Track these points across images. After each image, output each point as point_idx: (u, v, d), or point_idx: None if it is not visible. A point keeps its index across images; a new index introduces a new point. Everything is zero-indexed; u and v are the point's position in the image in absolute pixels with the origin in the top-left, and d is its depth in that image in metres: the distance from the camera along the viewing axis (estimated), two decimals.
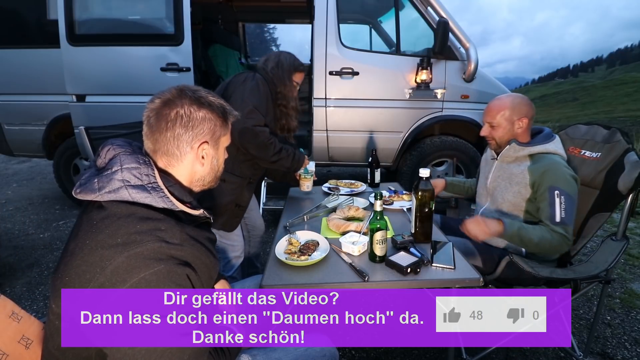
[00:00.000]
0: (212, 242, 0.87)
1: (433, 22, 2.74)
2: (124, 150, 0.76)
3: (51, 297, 0.71)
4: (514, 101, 1.40)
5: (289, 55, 1.66)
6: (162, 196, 0.74)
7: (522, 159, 1.41)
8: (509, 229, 1.28)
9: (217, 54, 3.99)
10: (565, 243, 1.27)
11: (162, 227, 0.70)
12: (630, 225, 2.91)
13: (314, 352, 0.94)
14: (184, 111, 0.77)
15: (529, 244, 1.29)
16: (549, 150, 1.37)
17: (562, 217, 1.26)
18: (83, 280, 0.64)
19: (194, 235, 0.76)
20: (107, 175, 0.72)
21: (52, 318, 0.72)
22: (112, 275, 0.63)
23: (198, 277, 0.74)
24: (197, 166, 0.83)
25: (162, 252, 0.67)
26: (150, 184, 0.74)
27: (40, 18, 3.00)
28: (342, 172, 4.68)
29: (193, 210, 0.81)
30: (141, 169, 0.74)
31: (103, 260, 0.64)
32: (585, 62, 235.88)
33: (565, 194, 1.27)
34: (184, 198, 0.79)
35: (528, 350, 1.62)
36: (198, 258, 0.75)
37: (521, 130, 1.41)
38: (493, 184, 1.50)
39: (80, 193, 0.71)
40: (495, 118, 1.42)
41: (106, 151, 0.77)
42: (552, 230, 1.27)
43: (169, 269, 0.66)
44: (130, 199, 0.70)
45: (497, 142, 1.45)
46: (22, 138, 3.24)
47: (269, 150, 1.52)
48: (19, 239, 2.88)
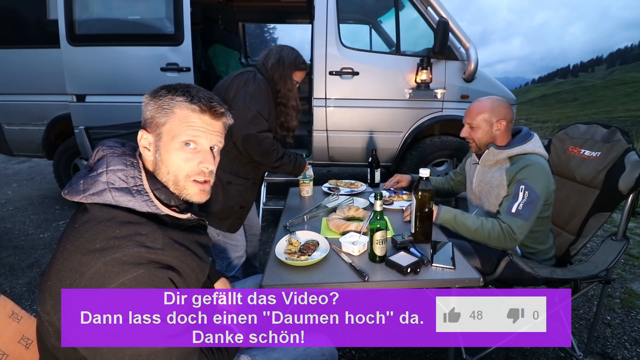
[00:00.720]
0: (202, 245, 0.85)
1: (433, 22, 2.74)
2: (112, 152, 0.75)
3: (38, 300, 0.70)
4: (493, 104, 1.42)
5: (291, 52, 1.61)
6: (145, 200, 0.72)
7: (502, 162, 1.42)
8: (440, 219, 1.35)
9: (217, 54, 3.98)
10: (510, 238, 1.25)
11: (143, 231, 0.68)
12: (630, 225, 2.91)
13: (313, 352, 0.94)
14: (153, 108, 0.77)
15: (465, 231, 1.32)
16: (527, 150, 1.37)
17: (518, 210, 1.26)
18: (64, 285, 0.63)
19: (178, 239, 0.75)
20: (92, 176, 0.71)
21: (39, 323, 0.71)
22: (91, 281, 0.62)
23: (183, 280, 0.72)
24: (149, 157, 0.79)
25: (141, 256, 0.65)
26: (135, 186, 0.72)
27: (40, 18, 2.99)
28: (342, 172, 4.68)
29: (180, 214, 0.78)
30: (127, 171, 0.73)
31: (82, 266, 0.63)
32: (585, 62, 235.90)
33: (530, 190, 1.27)
34: (169, 202, 0.77)
35: (528, 350, 1.62)
36: (182, 262, 0.73)
37: (499, 133, 1.42)
38: (478, 188, 1.52)
39: (67, 194, 0.71)
40: (475, 119, 1.44)
41: (96, 152, 0.77)
42: (501, 221, 1.27)
43: (150, 273, 0.65)
44: (113, 202, 0.69)
45: (476, 143, 1.48)
46: (22, 138, 3.23)
47: (272, 157, 1.52)
48: (19, 239, 2.88)
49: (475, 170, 1.55)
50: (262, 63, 1.60)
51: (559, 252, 1.52)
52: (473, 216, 1.33)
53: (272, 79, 1.57)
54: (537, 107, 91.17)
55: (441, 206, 1.37)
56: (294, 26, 5.05)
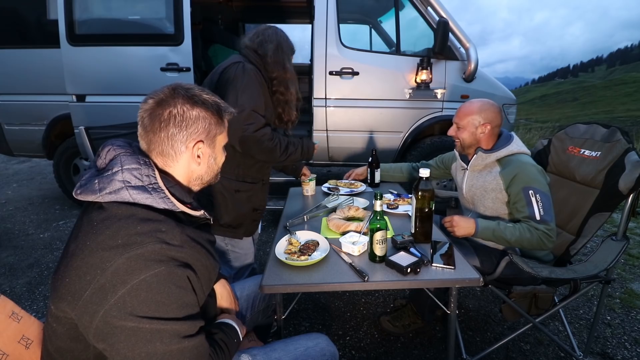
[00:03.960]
0: (212, 243, 0.87)
1: (433, 22, 2.74)
2: (125, 151, 0.76)
3: (51, 298, 0.71)
4: (482, 107, 1.46)
5: (282, 34, 1.48)
6: (162, 197, 0.73)
7: (491, 166, 1.46)
8: (480, 232, 1.34)
9: (217, 54, 3.98)
10: (548, 240, 1.28)
11: (163, 228, 0.69)
12: (630, 225, 2.91)
13: (313, 352, 0.94)
14: (177, 110, 0.76)
15: (504, 243, 1.34)
16: (513, 151, 1.42)
17: (542, 215, 1.30)
18: (83, 281, 0.64)
19: (194, 236, 0.76)
20: (107, 176, 0.71)
21: (51, 320, 0.72)
22: (113, 276, 0.63)
23: (198, 279, 0.73)
24: (193, 165, 0.82)
25: (162, 253, 0.66)
26: (151, 184, 0.73)
27: (40, 18, 3.00)
28: (342, 172, 4.68)
29: (193, 211, 0.80)
30: (142, 170, 0.74)
31: (103, 262, 0.63)
32: (585, 62, 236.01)
33: (539, 192, 1.31)
34: (184, 199, 0.79)
35: (528, 351, 1.62)
36: (198, 260, 0.74)
37: (483, 136, 1.46)
38: (469, 193, 1.55)
39: (80, 194, 0.71)
40: (462, 120, 1.48)
41: (106, 152, 0.77)
42: (534, 228, 1.29)
43: (170, 270, 0.66)
44: (131, 199, 0.70)
45: (461, 143, 1.51)
46: (22, 138, 3.24)
47: (276, 153, 1.41)
48: (19, 239, 2.88)
49: (464, 176, 1.58)
50: (251, 48, 1.44)
51: (558, 252, 1.52)
52: (509, 226, 1.33)
53: (265, 66, 1.43)
54: (537, 107, 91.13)
55: (478, 221, 1.36)
56: (294, 26, 5.05)
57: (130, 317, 0.63)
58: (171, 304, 0.66)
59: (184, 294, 0.69)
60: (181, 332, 0.67)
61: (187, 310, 0.69)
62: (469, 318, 1.84)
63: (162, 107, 0.76)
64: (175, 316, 0.66)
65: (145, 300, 0.64)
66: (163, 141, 0.77)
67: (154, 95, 0.78)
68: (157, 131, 0.76)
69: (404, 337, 1.68)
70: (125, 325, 0.63)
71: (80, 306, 0.64)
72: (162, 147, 0.77)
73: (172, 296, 0.66)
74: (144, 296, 0.63)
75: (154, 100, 0.77)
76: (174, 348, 0.65)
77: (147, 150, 0.79)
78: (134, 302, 0.63)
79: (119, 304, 0.62)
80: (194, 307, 0.72)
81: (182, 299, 0.68)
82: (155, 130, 0.76)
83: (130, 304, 0.63)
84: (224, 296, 1.04)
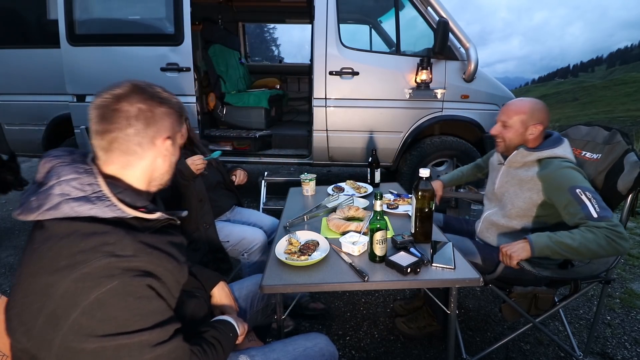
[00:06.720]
0: (176, 245, 0.80)
1: (433, 22, 2.74)
2: (61, 161, 0.70)
3: (7, 330, 0.65)
4: (534, 106, 1.36)
5: None
6: (108, 205, 0.67)
7: (530, 164, 1.37)
8: (536, 247, 1.17)
9: (217, 54, 3.98)
10: (619, 237, 1.11)
11: (111, 240, 0.64)
12: (630, 225, 2.91)
13: (313, 352, 0.93)
14: (146, 106, 0.73)
15: (568, 250, 1.14)
16: (557, 154, 1.32)
17: (599, 212, 1.15)
18: (33, 310, 0.60)
19: (150, 242, 0.70)
20: (44, 191, 0.65)
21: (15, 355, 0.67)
22: (62, 300, 0.59)
23: (162, 284, 0.69)
24: (158, 162, 0.78)
25: (112, 267, 0.62)
26: (94, 193, 0.67)
27: (40, 18, 3.00)
28: (342, 172, 4.69)
29: (149, 214, 0.73)
30: (82, 179, 0.68)
31: (48, 288, 0.60)
32: (585, 62, 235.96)
33: (588, 189, 1.20)
34: (136, 203, 0.73)
35: (528, 351, 1.62)
36: (158, 265, 0.69)
37: (532, 137, 1.37)
38: (501, 189, 1.47)
39: (20, 214, 0.65)
40: (511, 118, 1.37)
41: (43, 163, 0.70)
42: (595, 227, 1.13)
43: (125, 282, 0.62)
44: (73, 213, 0.64)
45: (506, 143, 1.41)
46: (22, 138, 3.23)
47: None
48: (19, 239, 2.88)
49: (499, 172, 1.49)
50: None
51: None
52: (563, 232, 1.17)
53: None
54: None
55: (530, 237, 1.19)
56: (294, 26, 5.05)
57: (90, 339, 0.60)
58: (133, 317, 0.63)
59: (146, 303, 0.65)
60: (151, 341, 0.64)
61: (155, 318, 0.66)
62: (469, 318, 1.84)
63: (128, 103, 0.72)
64: (141, 327, 0.63)
65: (103, 319, 0.60)
66: (130, 138, 0.72)
67: (112, 91, 0.72)
68: (123, 128, 0.71)
69: (404, 337, 1.68)
70: (87, 348, 0.60)
71: (35, 336, 0.61)
72: (127, 145, 0.72)
73: (133, 309, 0.63)
74: (101, 315, 0.60)
75: (114, 96, 0.71)
76: (147, 358, 0.63)
77: (107, 150, 0.72)
78: (92, 323, 0.60)
79: (74, 327, 0.59)
80: (164, 312, 0.68)
81: (146, 308, 0.65)
82: (122, 127, 0.71)
83: (88, 325, 0.60)
84: (223, 298, 1.04)
